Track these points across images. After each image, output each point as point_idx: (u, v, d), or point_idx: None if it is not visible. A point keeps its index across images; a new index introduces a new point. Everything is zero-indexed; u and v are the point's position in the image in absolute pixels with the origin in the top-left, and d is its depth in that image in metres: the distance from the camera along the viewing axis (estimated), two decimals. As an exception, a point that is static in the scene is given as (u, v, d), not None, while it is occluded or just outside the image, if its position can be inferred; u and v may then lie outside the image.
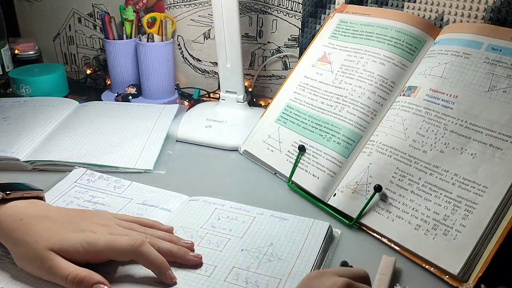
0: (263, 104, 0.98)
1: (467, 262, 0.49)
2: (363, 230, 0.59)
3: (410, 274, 0.51)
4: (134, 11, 0.98)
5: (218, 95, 1.00)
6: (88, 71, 1.14)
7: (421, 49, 0.70)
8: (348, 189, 0.62)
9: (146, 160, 0.73)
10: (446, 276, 0.50)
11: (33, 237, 0.46)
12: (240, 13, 0.84)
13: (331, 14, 0.80)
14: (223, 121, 0.85)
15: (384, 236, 0.56)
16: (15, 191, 0.51)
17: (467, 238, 0.51)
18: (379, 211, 0.58)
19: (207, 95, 1.04)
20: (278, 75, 0.98)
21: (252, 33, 0.96)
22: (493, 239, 0.49)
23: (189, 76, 1.07)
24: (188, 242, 0.52)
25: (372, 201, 0.59)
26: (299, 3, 0.90)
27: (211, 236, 0.55)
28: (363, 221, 0.58)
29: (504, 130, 0.55)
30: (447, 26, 0.69)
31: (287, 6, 0.91)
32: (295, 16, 0.91)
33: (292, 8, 0.91)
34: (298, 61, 0.80)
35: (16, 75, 0.98)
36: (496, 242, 0.49)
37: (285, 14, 0.92)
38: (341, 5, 0.81)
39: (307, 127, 0.71)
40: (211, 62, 1.04)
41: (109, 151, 0.74)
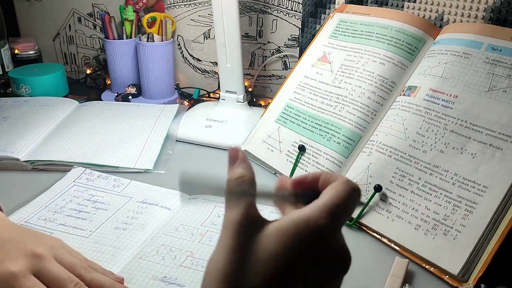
0: (263, 104, 0.98)
1: (467, 262, 0.49)
2: (363, 230, 0.59)
3: (410, 274, 0.51)
4: (134, 11, 0.98)
5: (218, 95, 1.00)
6: (88, 71, 1.14)
7: (421, 49, 0.70)
8: (348, 189, 0.62)
9: (146, 160, 0.73)
10: (446, 276, 0.50)
11: None
12: (240, 13, 0.84)
13: (331, 14, 0.80)
14: (223, 121, 0.85)
15: (384, 236, 0.56)
16: None
17: (467, 238, 0.51)
18: (379, 211, 0.58)
19: (207, 95, 1.04)
20: (278, 75, 0.98)
21: (252, 33, 0.96)
22: (493, 239, 0.49)
23: (189, 76, 1.07)
24: None
25: (372, 201, 0.59)
26: (299, 3, 0.90)
27: (211, 234, 0.55)
28: (363, 221, 0.58)
29: (504, 130, 0.55)
30: (447, 26, 0.69)
31: (287, 6, 0.91)
32: (295, 16, 0.91)
33: (292, 8, 0.91)
34: (298, 61, 0.80)
35: (16, 75, 0.98)
36: (496, 242, 0.49)
37: (285, 14, 0.92)
38: (341, 5, 0.81)
39: (307, 127, 0.71)
40: (211, 62, 1.04)
41: (109, 151, 0.74)
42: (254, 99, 0.99)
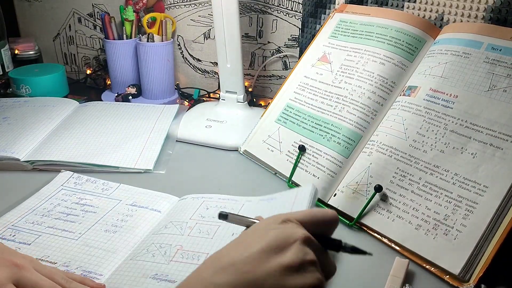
0: (263, 104, 0.98)
1: (467, 262, 0.49)
2: (363, 230, 0.59)
3: (410, 274, 0.51)
4: (134, 11, 0.98)
5: (218, 95, 1.00)
6: (88, 71, 1.14)
7: (421, 49, 0.70)
8: (349, 189, 0.62)
9: (146, 160, 0.73)
10: (447, 276, 0.50)
11: None
12: (240, 13, 0.84)
13: (331, 14, 0.80)
14: (223, 121, 0.85)
15: (385, 236, 0.56)
16: None
17: (467, 238, 0.51)
18: (379, 211, 0.58)
19: (207, 95, 1.04)
20: (278, 75, 0.98)
21: (252, 33, 0.96)
22: (493, 239, 0.49)
23: (189, 76, 1.07)
24: None
25: (372, 201, 0.59)
26: (299, 3, 0.90)
27: (200, 226, 0.55)
28: (363, 221, 0.58)
29: (504, 130, 0.55)
30: (447, 26, 0.69)
31: (287, 6, 0.91)
32: (295, 16, 0.91)
33: (292, 8, 0.91)
34: (298, 61, 0.80)
35: (16, 75, 0.98)
36: (497, 242, 0.49)
37: (285, 14, 0.92)
38: (341, 5, 0.81)
39: (307, 127, 0.71)
40: (211, 62, 1.04)
41: (109, 151, 0.74)
42: (254, 99, 0.99)
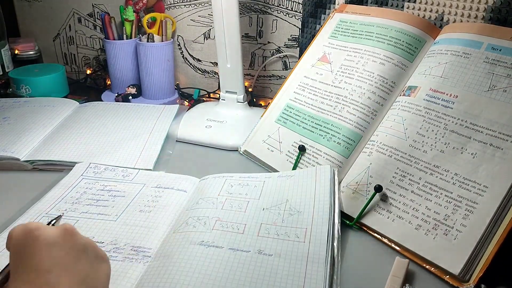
0: (263, 104, 0.98)
1: (467, 262, 0.49)
2: (363, 230, 0.59)
3: (410, 274, 0.51)
4: (134, 11, 0.98)
5: (218, 95, 1.00)
6: (88, 71, 1.14)
7: (421, 49, 0.70)
8: (349, 189, 0.62)
9: (146, 159, 0.73)
10: (447, 276, 0.50)
11: None
12: (240, 13, 0.84)
13: (331, 14, 0.80)
14: (223, 121, 0.85)
15: (385, 236, 0.56)
16: None
17: (467, 238, 0.51)
18: (379, 211, 0.58)
19: (207, 95, 1.04)
20: (278, 75, 0.98)
21: (252, 33, 0.96)
22: (493, 239, 0.49)
23: (189, 76, 1.07)
24: None
25: (372, 201, 0.59)
26: (299, 3, 0.90)
27: (231, 201, 0.59)
28: (363, 221, 0.58)
29: (504, 130, 0.55)
30: (447, 26, 0.69)
31: (287, 6, 0.91)
32: (295, 16, 0.91)
33: (292, 8, 0.91)
34: (298, 61, 0.80)
35: (16, 75, 0.98)
36: (497, 242, 0.49)
37: (285, 14, 0.92)
38: (341, 5, 0.81)
39: (307, 127, 0.71)
40: (211, 62, 1.04)
41: (109, 151, 0.74)
42: (254, 99, 0.99)
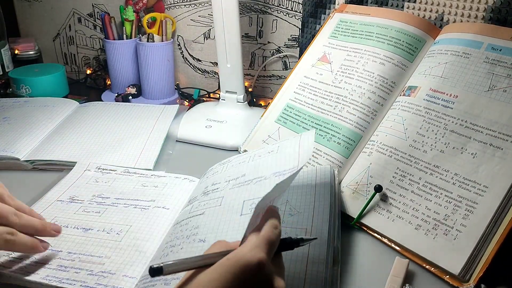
0: (263, 104, 0.98)
1: (467, 262, 0.49)
2: (363, 230, 0.59)
3: (410, 274, 0.51)
4: (134, 11, 0.98)
5: (218, 95, 1.00)
6: (88, 71, 1.14)
7: (421, 49, 0.70)
8: (349, 189, 0.62)
9: (146, 159, 0.73)
10: (447, 276, 0.50)
11: None
12: (240, 13, 0.84)
13: (331, 14, 0.80)
14: (223, 121, 0.85)
15: (385, 236, 0.56)
16: None
17: (467, 238, 0.51)
18: (379, 211, 0.58)
19: (207, 95, 1.04)
20: (278, 75, 0.98)
21: (252, 33, 0.96)
22: (493, 239, 0.49)
23: (189, 76, 1.07)
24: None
25: (372, 201, 0.59)
26: (299, 3, 0.90)
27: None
28: (363, 221, 0.58)
29: (505, 130, 0.55)
30: (447, 26, 0.69)
31: (287, 6, 0.91)
32: (295, 16, 0.91)
33: (292, 8, 0.91)
34: (298, 61, 0.80)
35: (16, 75, 0.98)
36: (497, 242, 0.49)
37: (285, 14, 0.92)
38: (341, 5, 0.81)
39: (307, 127, 0.71)
40: (211, 62, 1.04)
41: (109, 150, 0.74)
42: (254, 99, 0.99)
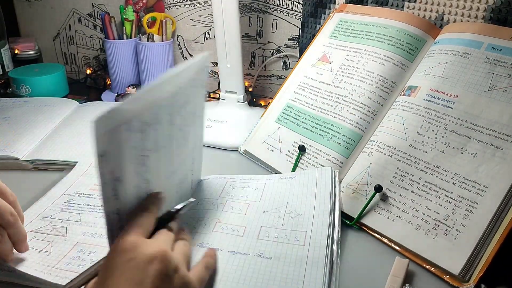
0: (263, 104, 0.98)
1: (467, 262, 0.49)
2: (363, 230, 0.59)
3: (410, 274, 0.51)
4: (134, 11, 0.98)
5: (218, 95, 1.00)
6: (88, 71, 1.14)
7: (421, 49, 0.70)
8: (349, 189, 0.62)
9: (146, 160, 0.73)
10: (447, 276, 0.50)
11: None
12: (240, 13, 0.84)
13: (331, 14, 0.80)
14: (223, 121, 0.85)
15: (385, 236, 0.56)
16: None
17: (467, 238, 0.51)
18: (379, 211, 0.58)
19: (207, 95, 1.04)
20: (278, 75, 0.98)
21: (252, 33, 0.96)
22: (494, 238, 0.49)
23: (189, 76, 1.07)
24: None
25: (372, 201, 0.59)
26: (299, 3, 0.90)
27: (231, 203, 0.59)
28: (363, 221, 0.58)
29: (505, 130, 0.55)
30: (447, 26, 0.69)
31: (287, 6, 0.91)
32: (295, 16, 0.91)
33: (292, 8, 0.91)
34: (298, 61, 0.80)
35: (16, 75, 0.98)
36: (497, 242, 0.49)
37: (285, 14, 0.92)
38: (341, 4, 0.81)
39: (307, 127, 0.71)
40: (211, 62, 1.04)
41: (109, 151, 0.74)
42: (254, 99, 0.99)
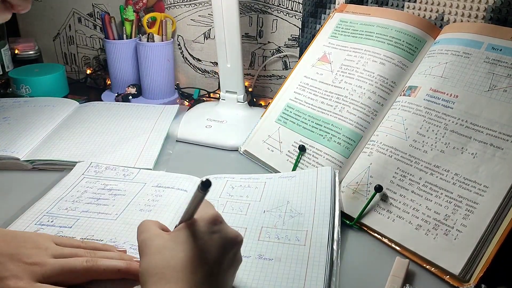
0: (263, 104, 0.98)
1: (468, 262, 0.49)
2: (363, 230, 0.59)
3: (410, 274, 0.51)
4: (134, 11, 0.97)
5: (218, 95, 1.00)
6: (88, 71, 1.14)
7: (422, 49, 0.70)
8: (349, 189, 0.62)
9: (146, 159, 0.73)
10: (447, 276, 0.50)
11: None
12: (240, 13, 0.84)
13: (331, 14, 0.80)
14: (223, 121, 0.85)
15: (385, 236, 0.56)
16: None
17: (468, 238, 0.51)
18: (379, 211, 0.58)
19: (207, 95, 1.04)
20: (278, 75, 0.98)
21: (252, 33, 0.96)
22: (494, 239, 0.49)
23: (189, 76, 1.07)
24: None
25: (372, 201, 0.59)
26: (299, 3, 0.90)
27: (232, 203, 0.59)
28: (363, 221, 0.58)
29: (505, 130, 0.55)
30: (447, 26, 0.69)
31: (287, 6, 0.91)
32: (295, 16, 0.91)
33: (292, 8, 0.91)
34: (298, 61, 0.80)
35: (16, 75, 0.98)
36: (497, 242, 0.49)
37: (285, 14, 0.92)
38: (341, 4, 0.81)
39: (307, 127, 0.71)
40: (211, 62, 1.04)
41: (109, 150, 0.74)
42: (254, 99, 0.99)
